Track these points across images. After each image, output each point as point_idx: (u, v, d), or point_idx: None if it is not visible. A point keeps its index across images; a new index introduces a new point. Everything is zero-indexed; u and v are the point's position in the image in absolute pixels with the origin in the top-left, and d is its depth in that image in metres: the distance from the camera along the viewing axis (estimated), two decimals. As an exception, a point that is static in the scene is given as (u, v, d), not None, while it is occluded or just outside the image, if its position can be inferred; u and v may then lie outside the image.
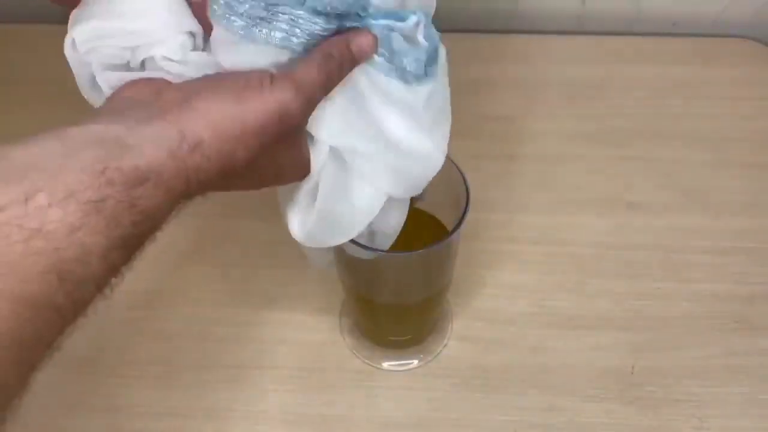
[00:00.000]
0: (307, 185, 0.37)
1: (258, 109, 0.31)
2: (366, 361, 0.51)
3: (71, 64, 0.35)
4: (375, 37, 0.34)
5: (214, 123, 0.30)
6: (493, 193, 0.60)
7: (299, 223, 0.38)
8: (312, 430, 0.47)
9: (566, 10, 0.75)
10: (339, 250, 0.44)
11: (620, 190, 0.61)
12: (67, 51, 0.35)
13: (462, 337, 0.52)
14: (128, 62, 0.35)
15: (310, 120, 0.35)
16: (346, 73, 0.34)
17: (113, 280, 0.28)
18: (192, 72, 0.35)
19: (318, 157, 0.36)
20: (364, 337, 0.52)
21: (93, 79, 0.35)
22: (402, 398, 0.49)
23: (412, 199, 0.41)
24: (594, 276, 0.55)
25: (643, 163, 0.63)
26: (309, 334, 0.52)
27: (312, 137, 0.36)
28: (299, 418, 0.48)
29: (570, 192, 0.61)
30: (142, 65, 0.36)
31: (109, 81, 0.35)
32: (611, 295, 0.54)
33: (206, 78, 0.34)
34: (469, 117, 0.66)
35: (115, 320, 0.53)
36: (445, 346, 0.52)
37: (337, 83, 0.34)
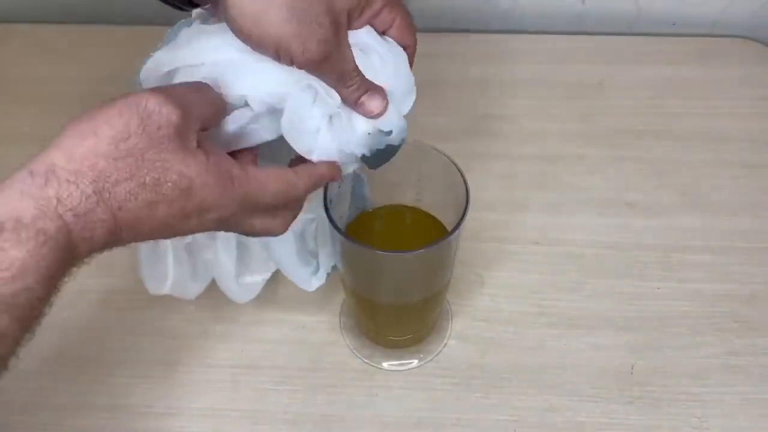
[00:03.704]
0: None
1: (109, 113, 0.30)
2: (366, 361, 0.51)
3: None
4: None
5: (67, 146, 0.29)
6: (493, 193, 0.60)
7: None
8: (312, 430, 0.47)
9: (566, 10, 0.75)
10: (341, 249, 0.44)
11: (620, 190, 0.61)
12: None
13: (461, 337, 0.52)
14: None
15: None
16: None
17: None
18: None
19: None
20: (364, 336, 0.52)
21: None
22: (402, 398, 0.49)
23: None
24: (594, 276, 0.55)
25: (643, 163, 0.63)
26: (309, 334, 0.52)
27: None
28: (299, 418, 0.48)
29: (570, 192, 0.61)
30: None
31: None
32: (611, 295, 0.54)
33: None
34: (469, 117, 0.66)
35: (115, 320, 0.53)
36: (445, 345, 0.52)
37: None
